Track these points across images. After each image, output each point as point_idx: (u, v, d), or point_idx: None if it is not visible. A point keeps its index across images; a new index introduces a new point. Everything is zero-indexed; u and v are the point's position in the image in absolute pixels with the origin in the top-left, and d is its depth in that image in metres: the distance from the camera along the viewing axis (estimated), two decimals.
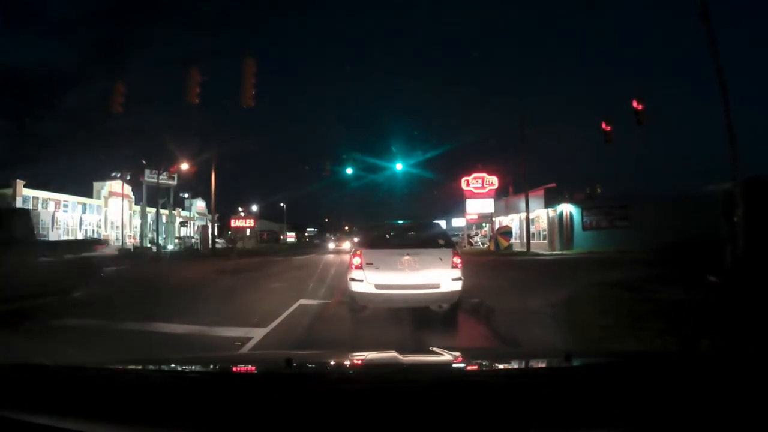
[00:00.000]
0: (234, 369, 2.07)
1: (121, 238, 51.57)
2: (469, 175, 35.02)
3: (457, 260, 7.01)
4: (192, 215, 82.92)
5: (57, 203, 52.58)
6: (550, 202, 29.31)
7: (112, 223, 56.92)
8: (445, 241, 7.59)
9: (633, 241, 26.02)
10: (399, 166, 26.92)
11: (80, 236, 52.04)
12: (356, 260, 7.02)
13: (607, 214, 29.84)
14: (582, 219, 29.56)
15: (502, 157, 36.45)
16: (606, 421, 1.31)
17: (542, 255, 25.97)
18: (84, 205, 55.83)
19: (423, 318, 6.81)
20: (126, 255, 31.78)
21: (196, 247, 36.60)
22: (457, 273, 6.92)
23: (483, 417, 1.33)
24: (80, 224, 56.00)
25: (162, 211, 42.37)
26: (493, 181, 35.13)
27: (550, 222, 30.16)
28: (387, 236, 8.26)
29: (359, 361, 2.23)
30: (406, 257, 6.85)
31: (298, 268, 18.31)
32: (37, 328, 5.99)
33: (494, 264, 20.44)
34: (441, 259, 6.92)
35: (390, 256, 6.95)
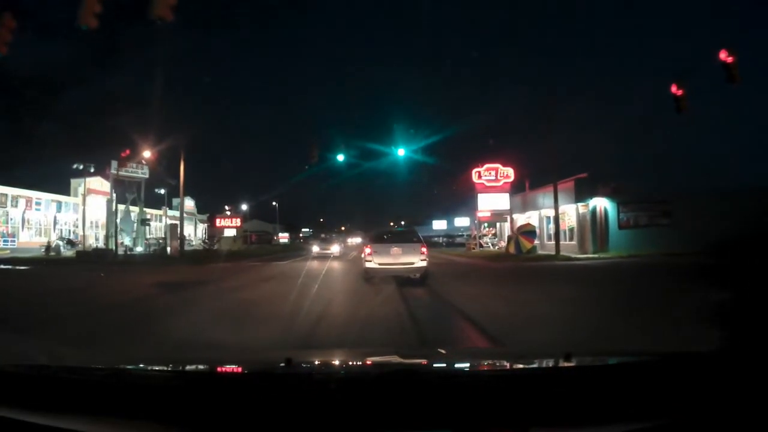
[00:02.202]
0: (234, 368, 1.99)
1: (101, 238, 47.39)
2: (480, 166, 30.38)
3: (424, 249, 12.30)
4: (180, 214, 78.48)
5: (28, 201, 48.18)
6: (581, 195, 24.61)
7: (91, 222, 52.72)
8: (417, 239, 12.87)
9: (674, 242, 22.07)
10: (401, 152, 22.34)
11: (54, 237, 48.20)
12: (367, 250, 12.51)
13: (647, 210, 25.28)
14: (618, 216, 24.94)
15: (518, 148, 31.60)
16: (606, 420, 1.34)
17: (576, 259, 21.34)
18: (59, 203, 51.65)
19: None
20: (84, 258, 27.45)
21: (167, 248, 31.90)
22: (424, 257, 12.09)
23: (484, 416, 1.34)
24: (54, 223, 52.00)
25: (132, 208, 37.72)
26: (508, 172, 30.49)
27: (581, 219, 25.49)
28: (385, 236, 13.68)
29: (360, 361, 2.29)
30: (395, 248, 12.29)
31: (265, 280, 13.68)
32: None
33: (527, 273, 15.87)
34: (414, 249, 12.25)
35: (386, 247, 12.41)
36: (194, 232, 75.26)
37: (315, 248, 26.35)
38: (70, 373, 1.65)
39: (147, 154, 26.08)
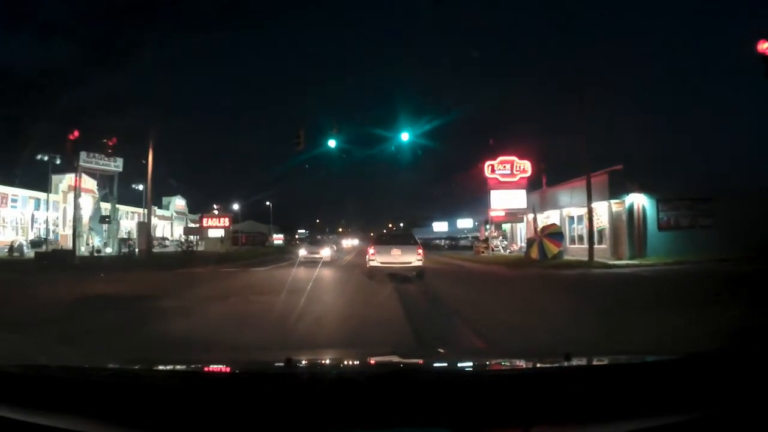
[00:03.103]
0: (234, 369, 1.96)
1: (83, 238, 44.20)
2: (494, 158, 26.79)
3: (420, 251, 13.99)
4: (170, 214, 75.41)
5: (3, 197, 44.93)
6: (616, 191, 21.01)
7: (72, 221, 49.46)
8: (414, 242, 14.69)
9: (716, 245, 19.08)
10: (405, 136, 18.80)
11: (32, 236, 45.11)
12: (371, 251, 14.12)
13: (688, 208, 21.76)
14: (657, 215, 21.38)
15: (533, 140, 27.82)
16: (604, 418, 1.34)
17: (615, 266, 17.75)
18: (38, 200, 48.33)
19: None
20: (43, 259, 23.91)
21: (134, 250, 28.16)
22: (420, 257, 13.78)
23: (485, 415, 1.34)
24: (33, 222, 48.89)
25: (104, 204, 34.17)
26: (525, 166, 26.87)
27: (614, 219, 21.89)
28: (386, 239, 16.00)
29: (360, 361, 2.28)
30: (395, 249, 13.89)
31: (220, 299, 9.88)
32: None
33: (571, 287, 12.26)
34: (411, 250, 13.89)
35: (387, 249, 13.99)
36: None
37: (302, 252, 22.37)
38: (70, 373, 1.64)
39: (104, 140, 22.48)
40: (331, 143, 18.37)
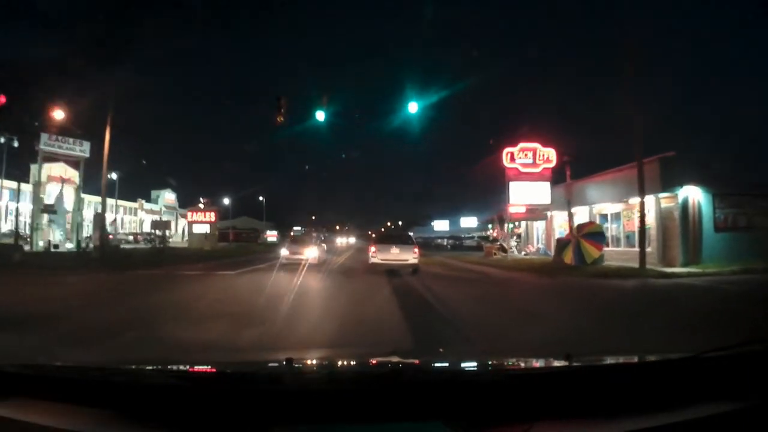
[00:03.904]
0: (235, 369, 1.94)
1: (64, 231, 40.94)
2: (514, 145, 23.15)
3: (416, 250, 15.48)
4: (159, 208, 72.06)
5: None
6: (668, 182, 17.31)
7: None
8: (411, 242, 16.08)
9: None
10: (413, 107, 15.38)
11: (5, 228, 42.05)
12: (372, 249, 15.40)
13: (749, 205, 18.21)
14: (714, 213, 17.77)
15: (554, 127, 24.29)
16: (604, 417, 1.35)
17: (677, 275, 14.11)
18: (13, 190, 45.10)
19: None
20: None
21: (88, 246, 24.38)
22: (416, 255, 15.28)
23: (486, 413, 1.34)
24: (6, 213, 45.94)
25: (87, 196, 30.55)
26: (549, 155, 23.24)
27: (663, 216, 18.22)
28: (385, 238, 16.86)
29: (360, 361, 2.26)
30: (394, 248, 15.19)
31: (127, 329, 6.16)
32: None
33: (664, 312, 8.36)
34: (409, 249, 15.30)
35: (387, 247, 15.29)
36: (174, 228, 68.57)
37: (283, 252, 18.51)
38: (69, 373, 1.63)
39: (61, 115, 18.86)
40: (320, 115, 14.99)
